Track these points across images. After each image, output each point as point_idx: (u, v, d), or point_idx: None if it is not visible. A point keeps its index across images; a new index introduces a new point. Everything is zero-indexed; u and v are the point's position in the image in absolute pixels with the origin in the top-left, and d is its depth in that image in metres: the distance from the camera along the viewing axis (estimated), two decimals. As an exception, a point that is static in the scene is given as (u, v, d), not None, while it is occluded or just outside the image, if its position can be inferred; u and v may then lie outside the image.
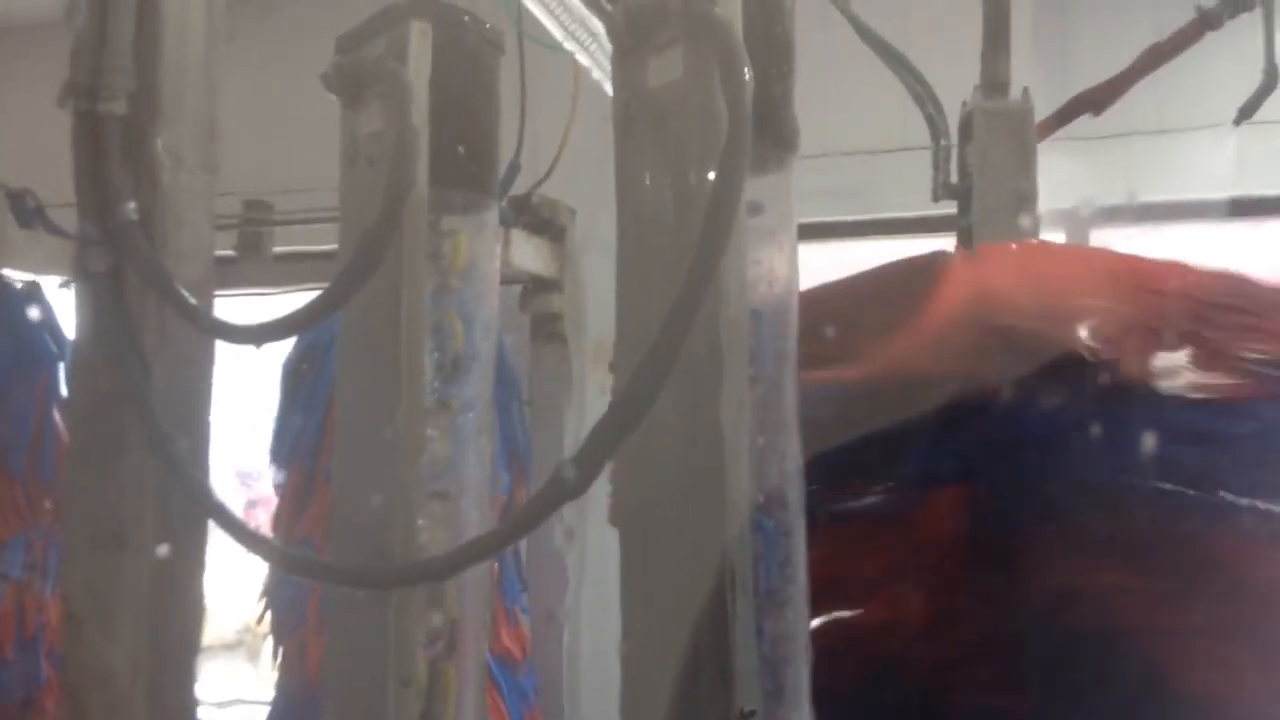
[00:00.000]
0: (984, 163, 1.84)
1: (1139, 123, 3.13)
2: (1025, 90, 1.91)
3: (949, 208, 2.20)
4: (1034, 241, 1.81)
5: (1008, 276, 1.54)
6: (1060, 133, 2.86)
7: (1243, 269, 1.53)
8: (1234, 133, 2.46)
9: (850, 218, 3.78)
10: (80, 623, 1.35)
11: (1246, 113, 2.19)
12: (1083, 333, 1.41)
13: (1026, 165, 1.82)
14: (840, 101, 3.30)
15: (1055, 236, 3.90)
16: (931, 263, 1.63)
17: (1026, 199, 1.78)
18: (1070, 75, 2.42)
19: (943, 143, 2.02)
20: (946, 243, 2.56)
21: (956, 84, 2.01)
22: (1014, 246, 1.74)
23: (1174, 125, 3.40)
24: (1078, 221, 3.83)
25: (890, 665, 1.50)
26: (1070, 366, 1.39)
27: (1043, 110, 2.11)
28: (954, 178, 2.02)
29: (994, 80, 1.87)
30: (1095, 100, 2.08)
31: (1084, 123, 2.90)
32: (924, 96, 2.05)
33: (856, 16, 2.11)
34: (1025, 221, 1.75)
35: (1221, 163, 2.68)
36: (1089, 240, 3.83)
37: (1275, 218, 3.64)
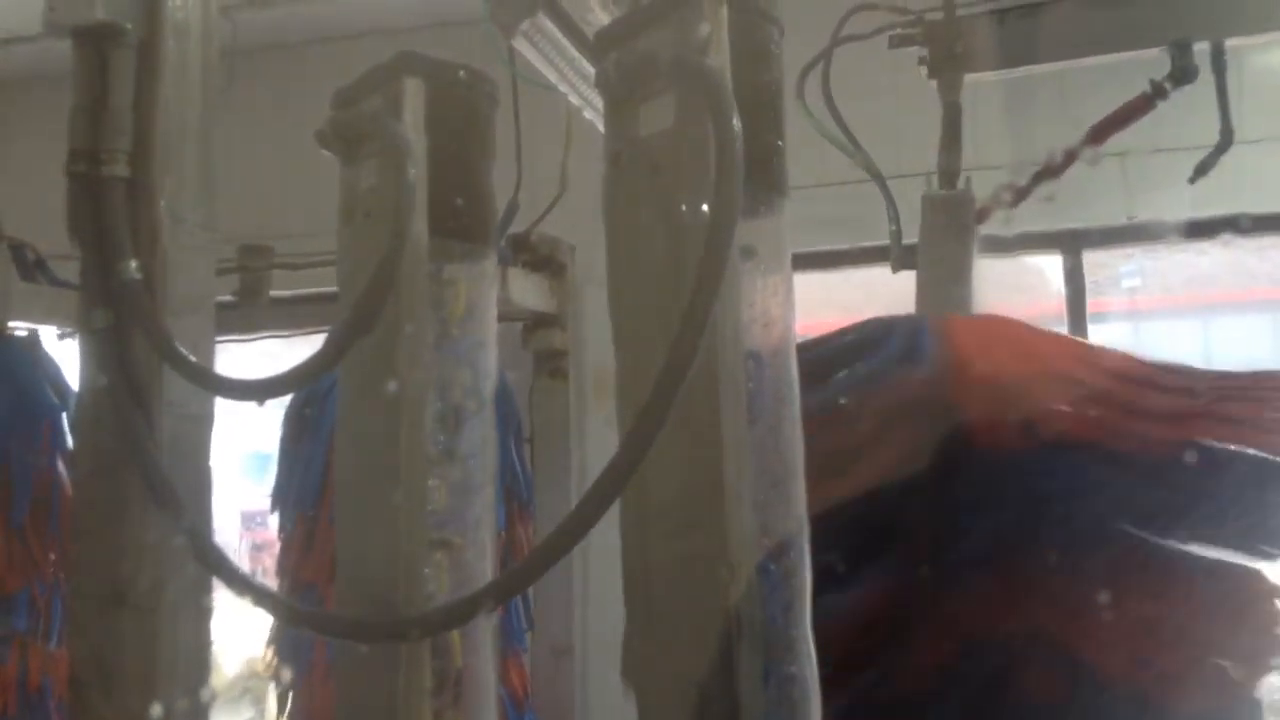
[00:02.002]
0: (927, 242, 2.11)
1: (1129, 143, 3.15)
2: (968, 179, 2.18)
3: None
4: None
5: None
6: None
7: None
8: (1228, 153, 2.47)
9: (843, 246, 3.81)
10: (85, 685, 1.35)
11: (1202, 171, 2.28)
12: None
13: (964, 244, 2.09)
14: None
15: (1051, 260, 3.94)
16: (891, 324, 1.80)
17: (962, 273, 2.06)
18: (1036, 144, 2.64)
19: (893, 227, 2.35)
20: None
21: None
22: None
23: (1169, 145, 3.42)
24: (1072, 242, 3.86)
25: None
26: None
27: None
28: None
29: (947, 171, 2.17)
30: (1054, 170, 2.30)
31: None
32: (883, 188, 2.34)
33: (817, 119, 2.36)
34: (961, 292, 2.03)
35: (1217, 182, 2.69)
36: (1082, 262, 3.86)
37: (1270, 235, 3.66)
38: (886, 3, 2.29)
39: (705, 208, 1.14)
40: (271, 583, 2.90)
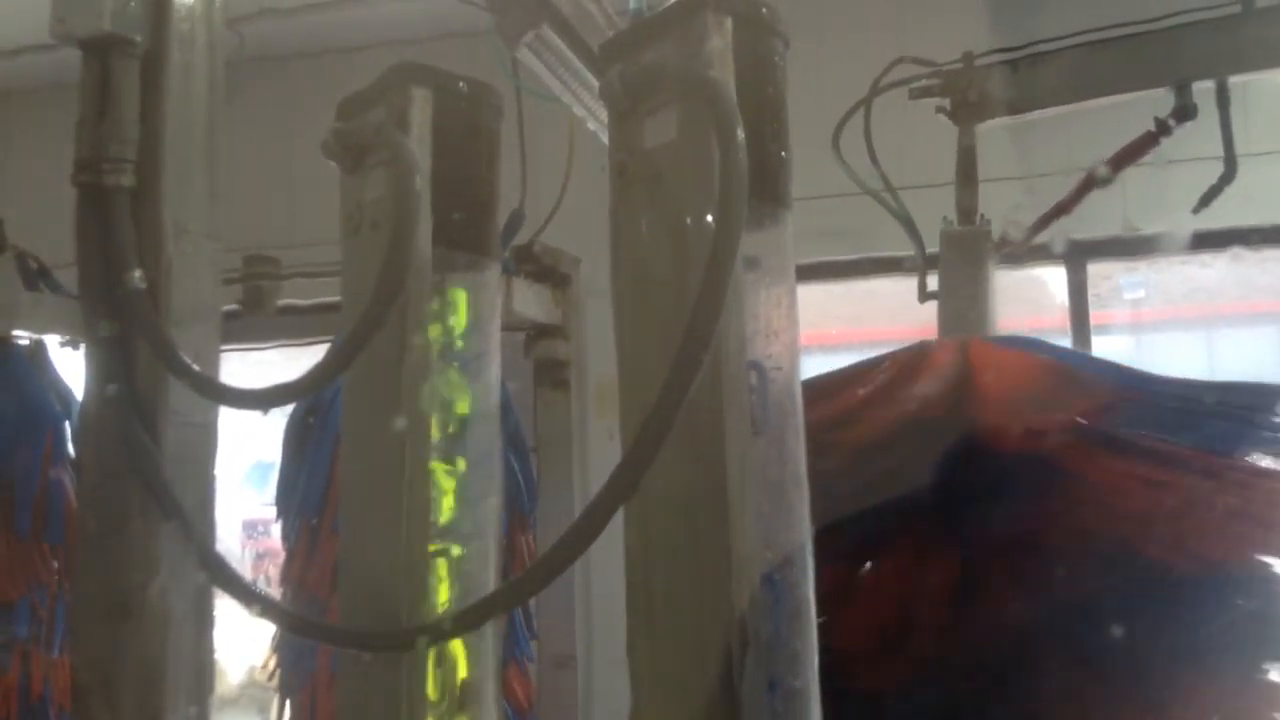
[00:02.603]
0: (946, 274, 2.34)
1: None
2: (982, 216, 2.41)
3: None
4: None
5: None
6: (1056, 167, 2.99)
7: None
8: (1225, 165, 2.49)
9: (848, 257, 3.82)
10: (87, 694, 1.34)
11: (1206, 202, 2.41)
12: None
13: (980, 273, 2.33)
14: (842, 144, 3.35)
15: (1054, 272, 3.94)
16: (919, 353, 2.02)
17: (978, 302, 2.30)
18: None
19: (919, 261, 2.54)
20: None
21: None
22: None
23: (1174, 157, 3.43)
24: (1076, 254, 3.86)
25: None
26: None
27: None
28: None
29: (964, 208, 2.40)
30: (1064, 206, 2.53)
31: (1072, 157, 3.01)
32: (910, 227, 2.54)
33: (847, 163, 2.59)
34: (978, 316, 2.27)
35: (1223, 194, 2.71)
36: (1086, 272, 3.86)
37: (1274, 247, 3.66)
38: (917, 58, 2.52)
39: (709, 219, 1.15)
40: (275, 591, 2.90)
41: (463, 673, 1.40)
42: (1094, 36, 2.37)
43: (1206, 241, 3.51)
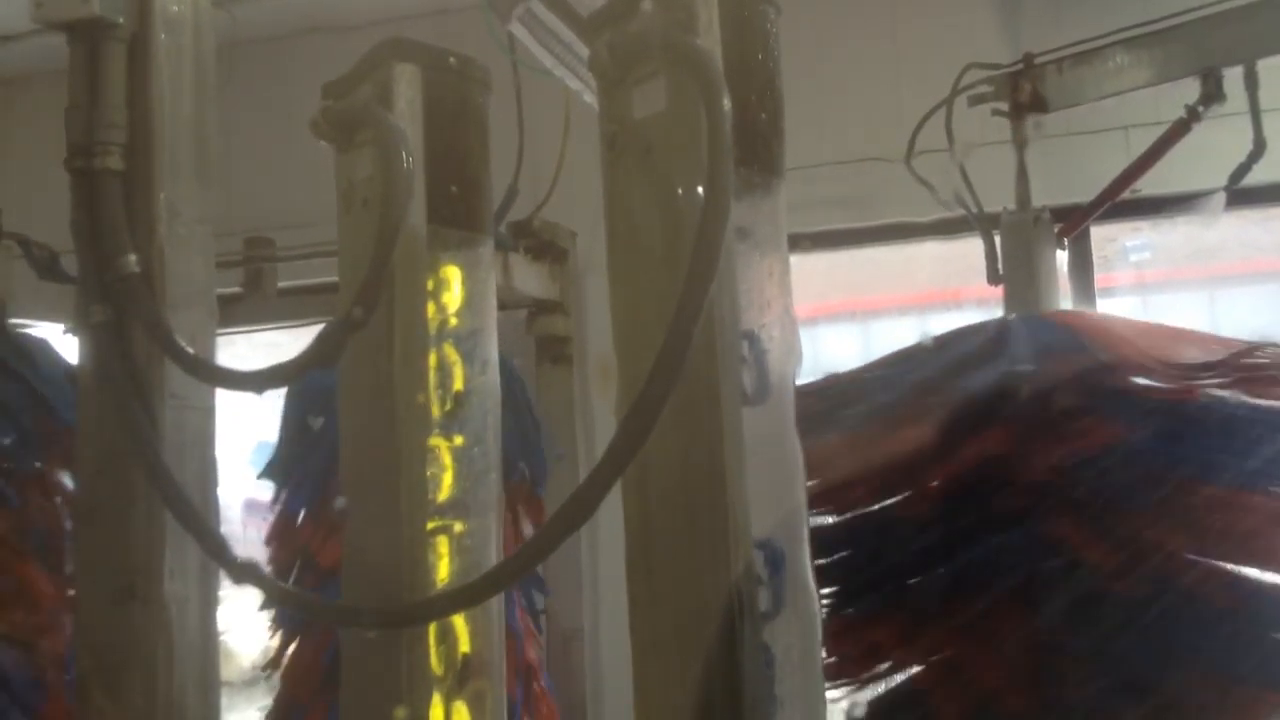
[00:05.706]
0: (1009, 258, 2.60)
1: (1132, 117, 3.14)
2: (1044, 208, 2.65)
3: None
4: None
5: None
6: (1059, 129, 3.00)
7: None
8: (1233, 125, 2.48)
9: (857, 225, 3.79)
10: (88, 679, 1.35)
11: (1237, 178, 2.51)
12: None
13: (1036, 255, 2.59)
14: (841, 112, 3.32)
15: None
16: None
17: (1034, 284, 2.56)
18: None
19: (988, 247, 2.76)
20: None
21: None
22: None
23: (1170, 118, 3.40)
24: (1077, 217, 3.83)
25: None
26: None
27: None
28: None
29: (1021, 199, 2.67)
30: (1107, 197, 2.72)
31: (1079, 119, 2.99)
32: (984, 224, 2.74)
33: (923, 178, 2.71)
34: (1037, 295, 2.54)
35: (1223, 154, 2.69)
36: (1089, 234, 3.84)
37: (1275, 205, 3.63)
38: (984, 63, 2.72)
39: (699, 190, 1.14)
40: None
41: (465, 647, 1.40)
42: (1127, 34, 2.53)
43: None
